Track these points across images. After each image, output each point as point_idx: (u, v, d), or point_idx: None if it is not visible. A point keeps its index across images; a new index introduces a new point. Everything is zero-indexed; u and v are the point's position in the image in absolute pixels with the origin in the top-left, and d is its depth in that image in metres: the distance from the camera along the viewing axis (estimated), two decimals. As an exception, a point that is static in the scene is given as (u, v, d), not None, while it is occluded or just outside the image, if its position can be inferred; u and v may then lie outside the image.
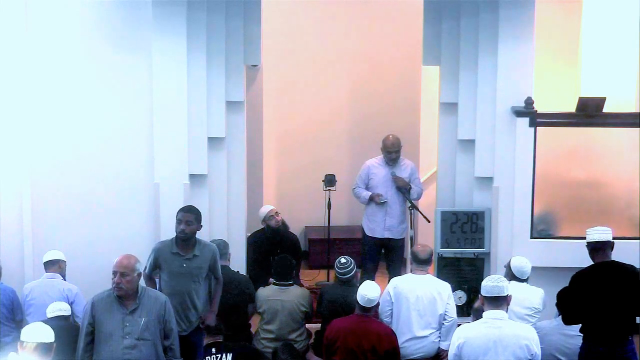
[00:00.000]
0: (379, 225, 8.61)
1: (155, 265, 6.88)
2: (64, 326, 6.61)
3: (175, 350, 6.17)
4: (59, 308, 6.89)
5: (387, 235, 8.63)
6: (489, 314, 5.72)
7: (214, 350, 6.52)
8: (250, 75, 9.58)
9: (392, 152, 8.53)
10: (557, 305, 6.94)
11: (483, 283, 5.80)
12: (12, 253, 8.13)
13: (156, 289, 6.67)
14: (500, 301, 5.72)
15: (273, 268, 7.68)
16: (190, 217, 6.78)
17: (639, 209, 8.09)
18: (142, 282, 6.21)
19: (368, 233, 8.69)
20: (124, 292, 5.95)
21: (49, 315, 6.85)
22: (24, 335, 5.48)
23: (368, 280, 7.08)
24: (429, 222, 8.47)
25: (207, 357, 6.49)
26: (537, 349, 5.70)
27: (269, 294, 7.50)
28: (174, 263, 6.80)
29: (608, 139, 8.25)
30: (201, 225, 6.93)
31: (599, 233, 6.44)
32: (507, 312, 5.77)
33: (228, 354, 6.47)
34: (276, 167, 10.98)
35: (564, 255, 7.80)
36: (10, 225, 8.17)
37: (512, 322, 5.87)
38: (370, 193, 8.56)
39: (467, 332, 5.76)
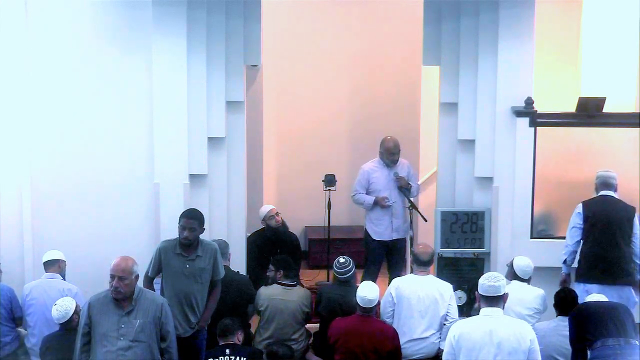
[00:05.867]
0: (387, 228, 8.57)
1: (159, 267, 6.84)
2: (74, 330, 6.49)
3: (172, 353, 6.16)
4: (65, 309, 6.68)
5: (395, 236, 8.60)
6: (485, 311, 5.73)
7: (228, 351, 6.51)
8: (250, 75, 9.58)
9: (394, 154, 8.52)
10: (555, 305, 6.96)
11: (480, 281, 5.81)
12: (12, 253, 8.13)
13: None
14: (496, 300, 5.73)
15: (278, 266, 7.63)
16: (193, 223, 6.76)
17: (638, 209, 8.09)
18: (140, 283, 6.20)
19: (375, 237, 8.61)
20: (122, 295, 5.95)
21: (58, 321, 6.69)
22: None
23: (366, 281, 7.09)
24: (426, 221, 8.46)
25: (220, 357, 6.48)
26: (534, 343, 5.66)
27: (273, 293, 7.48)
28: (177, 263, 6.79)
29: (608, 139, 8.25)
30: (204, 229, 6.91)
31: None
32: (503, 309, 5.78)
33: (242, 357, 6.46)
34: (276, 167, 10.98)
35: (563, 255, 7.79)
36: (10, 225, 8.17)
37: (507, 317, 5.89)
38: (374, 197, 8.55)
39: (462, 327, 5.76)
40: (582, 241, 7.52)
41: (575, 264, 7.56)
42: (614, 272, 7.39)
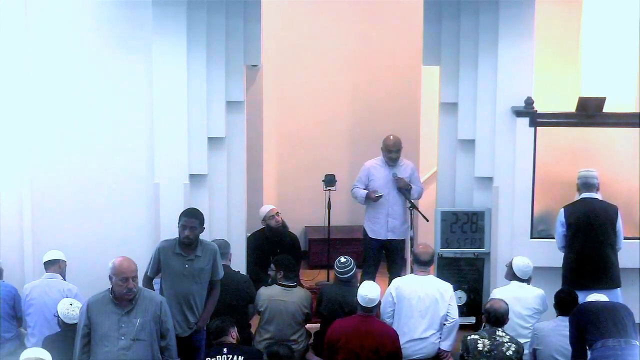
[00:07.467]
0: (382, 227, 8.56)
1: (158, 267, 6.84)
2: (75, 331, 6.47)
3: (172, 351, 6.18)
4: (77, 314, 6.58)
5: (390, 236, 8.58)
6: None
7: (225, 350, 6.51)
8: (250, 75, 9.58)
9: (392, 152, 8.50)
10: (555, 305, 6.96)
11: None
12: (12, 253, 8.14)
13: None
14: None
15: (279, 266, 7.64)
16: (194, 222, 6.76)
17: (639, 209, 8.10)
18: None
19: (371, 235, 8.61)
20: (133, 294, 5.95)
21: (64, 318, 6.64)
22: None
23: (367, 281, 7.08)
24: (427, 221, 8.46)
25: (217, 357, 6.48)
26: None
27: (272, 293, 7.48)
28: (176, 263, 6.78)
29: (608, 139, 8.25)
30: (204, 228, 6.92)
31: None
32: None
33: (240, 356, 6.47)
34: (276, 167, 10.98)
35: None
36: (11, 226, 8.17)
37: None
38: (366, 191, 8.54)
39: None
40: (566, 248, 7.50)
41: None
42: (601, 278, 7.34)
